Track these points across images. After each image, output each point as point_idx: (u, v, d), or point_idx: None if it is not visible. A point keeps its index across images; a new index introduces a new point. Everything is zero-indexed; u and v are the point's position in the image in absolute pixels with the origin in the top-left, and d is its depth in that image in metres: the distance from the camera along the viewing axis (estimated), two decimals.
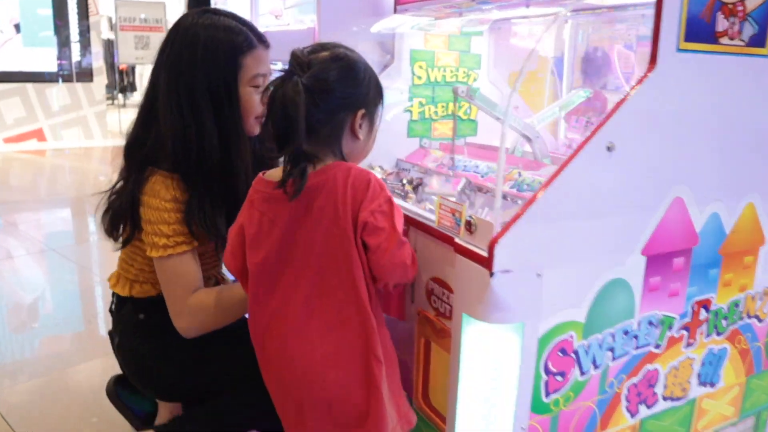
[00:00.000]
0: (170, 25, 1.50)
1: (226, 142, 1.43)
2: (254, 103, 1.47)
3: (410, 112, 2.24)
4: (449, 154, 2.17)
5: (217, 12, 1.45)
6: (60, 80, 9.05)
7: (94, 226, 4.77)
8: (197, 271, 1.46)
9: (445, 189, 2.04)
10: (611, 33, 3.42)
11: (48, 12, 8.88)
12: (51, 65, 8.99)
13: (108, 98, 10.38)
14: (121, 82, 12.89)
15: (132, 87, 14.24)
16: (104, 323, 2.95)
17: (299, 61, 1.14)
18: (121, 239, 1.53)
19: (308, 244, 1.20)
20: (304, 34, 2.15)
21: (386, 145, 2.23)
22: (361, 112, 1.21)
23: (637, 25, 2.20)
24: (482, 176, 1.89)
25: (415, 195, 2.04)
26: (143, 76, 14.28)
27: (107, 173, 7.41)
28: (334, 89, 1.16)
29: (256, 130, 1.51)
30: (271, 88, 1.15)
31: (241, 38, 1.43)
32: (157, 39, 9.54)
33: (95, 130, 9.32)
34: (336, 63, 1.17)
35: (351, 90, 1.18)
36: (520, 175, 1.77)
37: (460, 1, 1.88)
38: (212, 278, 1.66)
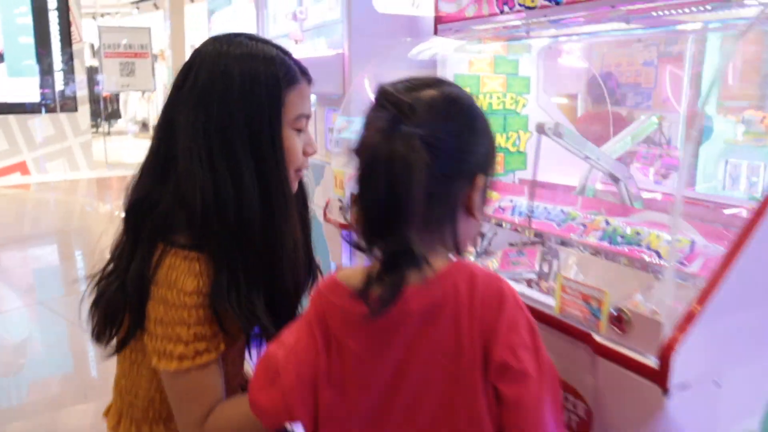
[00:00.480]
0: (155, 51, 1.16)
1: (269, 201, 1.08)
2: (297, 150, 1.13)
3: None
4: (505, 194, 1.87)
5: (252, 38, 1.12)
6: (43, 110, 8.68)
7: (84, 269, 4.41)
8: (220, 384, 1.07)
9: (514, 240, 1.74)
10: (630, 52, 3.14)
11: (30, 40, 8.52)
12: (34, 95, 8.62)
13: (92, 126, 10.02)
14: (105, 110, 12.53)
15: (116, 114, 13.87)
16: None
17: (400, 104, 0.78)
18: (114, 341, 1.12)
19: (415, 389, 0.81)
20: (331, 62, 1.85)
21: None
22: (481, 178, 0.84)
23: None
24: (558, 225, 1.58)
25: (476, 249, 1.73)
26: (127, 103, 13.93)
27: (94, 205, 7.05)
28: (456, 146, 0.80)
29: (295, 185, 1.18)
30: (359, 142, 0.81)
31: (283, 70, 1.10)
32: (143, 65, 9.24)
33: (81, 162, 8.94)
34: (453, 107, 0.82)
35: (473, 146, 0.83)
36: (607, 223, 1.47)
37: (511, 20, 1.59)
38: (237, 388, 1.25)
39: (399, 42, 1.85)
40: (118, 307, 1.08)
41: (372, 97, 0.83)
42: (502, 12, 1.58)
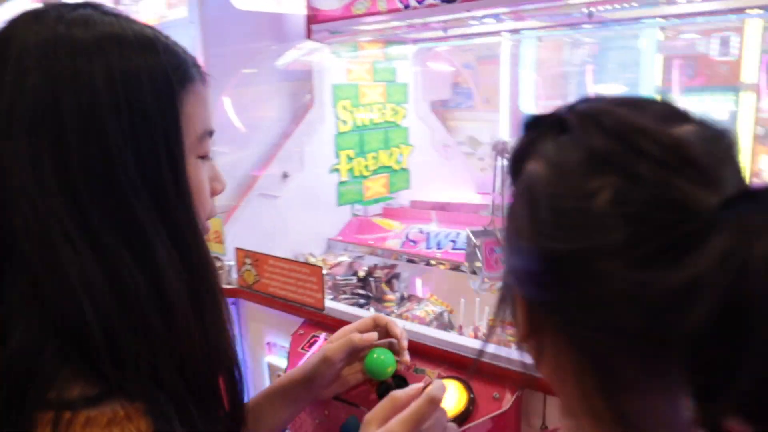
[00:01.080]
0: None
1: (195, 283, 0.64)
2: (206, 190, 0.69)
3: (338, 171, 1.62)
4: (399, 221, 1.62)
5: (101, 9, 0.63)
6: None
7: None
8: None
9: (437, 277, 1.48)
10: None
11: None
12: None
13: None
14: None
15: None
16: None
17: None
18: None
19: None
20: None
21: (311, 221, 1.60)
22: None
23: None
24: None
25: (394, 294, 1.44)
26: None
27: None
28: None
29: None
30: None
31: (172, 61, 0.63)
32: None
33: None
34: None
35: None
36: None
37: (393, 19, 1.34)
38: None
39: (264, 46, 1.48)
40: None
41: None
42: (407, 7, 1.31)
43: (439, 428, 0.77)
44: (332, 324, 1.14)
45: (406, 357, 0.94)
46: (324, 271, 1.15)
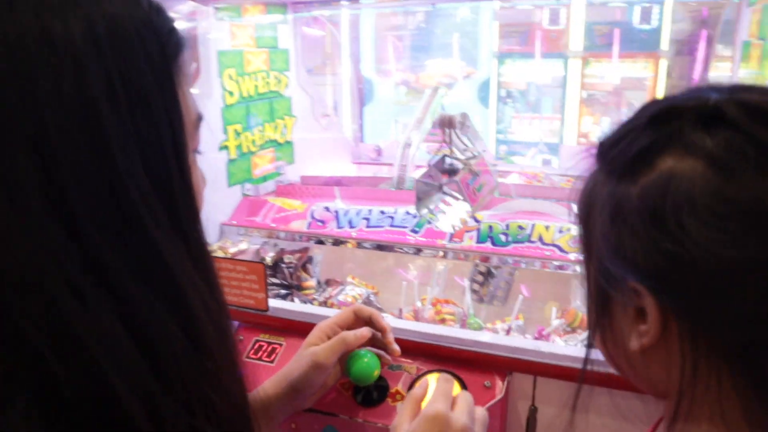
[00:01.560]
0: None
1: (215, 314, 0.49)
2: (202, 193, 0.53)
3: (227, 149, 1.46)
4: (299, 199, 1.51)
5: None
6: None
7: None
8: None
9: (356, 258, 1.41)
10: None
11: None
12: None
13: None
14: None
15: None
16: None
17: None
18: None
19: None
20: None
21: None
22: None
23: None
24: (414, 231, 1.33)
25: (311, 279, 1.35)
26: None
27: None
28: None
29: None
30: None
31: (162, 20, 0.46)
32: None
33: None
34: None
35: None
36: (476, 220, 1.29)
37: None
38: None
39: None
40: None
41: None
42: None
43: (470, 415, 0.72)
44: (275, 324, 1.02)
45: (396, 348, 0.87)
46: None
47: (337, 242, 1.35)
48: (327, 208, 1.44)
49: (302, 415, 0.89)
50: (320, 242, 1.40)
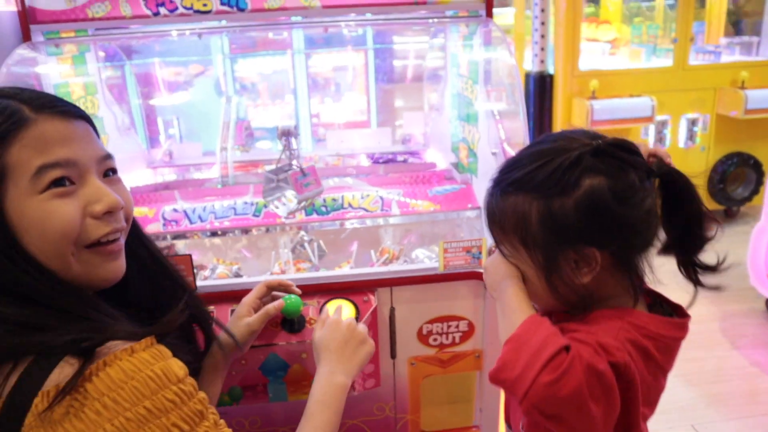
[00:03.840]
0: None
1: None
2: (65, 219, 0.80)
3: None
4: (147, 206, 1.77)
5: None
6: None
7: None
8: None
9: (211, 246, 1.73)
10: None
11: None
12: None
13: None
14: None
15: None
16: None
17: None
18: None
19: None
20: None
21: None
22: None
23: None
24: (254, 215, 1.72)
25: None
26: None
27: None
28: None
29: (111, 261, 0.86)
30: None
31: None
32: None
33: None
34: None
35: None
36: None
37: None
38: None
39: None
40: None
41: None
42: (156, 15, 1.47)
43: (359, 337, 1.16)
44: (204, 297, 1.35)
45: (298, 290, 1.28)
46: None
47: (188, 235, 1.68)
48: (175, 209, 1.73)
49: (249, 352, 1.27)
50: (177, 237, 1.70)
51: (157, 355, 0.75)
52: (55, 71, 1.57)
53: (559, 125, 3.95)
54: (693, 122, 4.06)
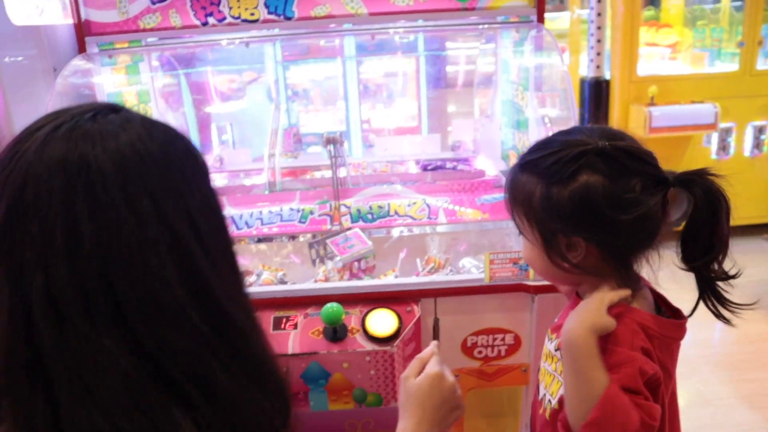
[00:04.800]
0: None
1: None
2: None
3: None
4: None
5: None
6: None
7: None
8: None
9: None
10: None
11: None
12: None
13: None
14: None
15: None
16: None
17: None
18: None
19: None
20: None
21: None
22: None
23: None
24: (300, 222, 1.73)
25: None
26: None
27: None
28: None
29: None
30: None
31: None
32: None
33: None
34: None
35: None
36: (346, 207, 1.74)
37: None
38: None
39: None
40: None
41: None
42: (204, 24, 1.49)
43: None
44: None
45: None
46: None
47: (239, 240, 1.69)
48: (251, 213, 1.75)
49: (291, 359, 1.27)
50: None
51: None
52: (109, 81, 1.62)
53: None
54: (760, 130, 3.87)
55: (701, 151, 3.86)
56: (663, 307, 0.98)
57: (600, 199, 0.87)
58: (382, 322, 1.30)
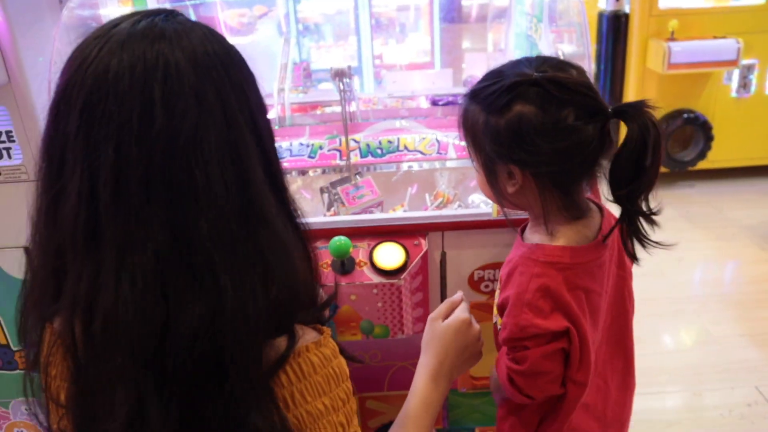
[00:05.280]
0: None
1: None
2: None
3: None
4: None
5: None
6: None
7: None
8: None
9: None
10: None
11: None
12: None
13: None
14: None
15: None
16: None
17: None
18: None
19: (610, 300, 1.08)
20: None
21: None
22: None
23: None
24: (310, 157, 1.73)
25: None
26: None
27: None
28: None
29: None
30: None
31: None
32: None
33: None
34: None
35: None
36: (355, 141, 1.73)
37: None
38: None
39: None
40: None
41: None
42: None
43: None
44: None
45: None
46: None
47: None
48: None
49: None
50: None
51: (335, 351, 0.73)
52: (116, 13, 1.59)
53: (633, 68, 3.74)
54: None
55: (721, 89, 3.77)
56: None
57: (531, 128, 0.92)
58: (390, 255, 1.31)
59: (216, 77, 0.65)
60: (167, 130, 0.60)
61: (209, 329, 0.61)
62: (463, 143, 1.08)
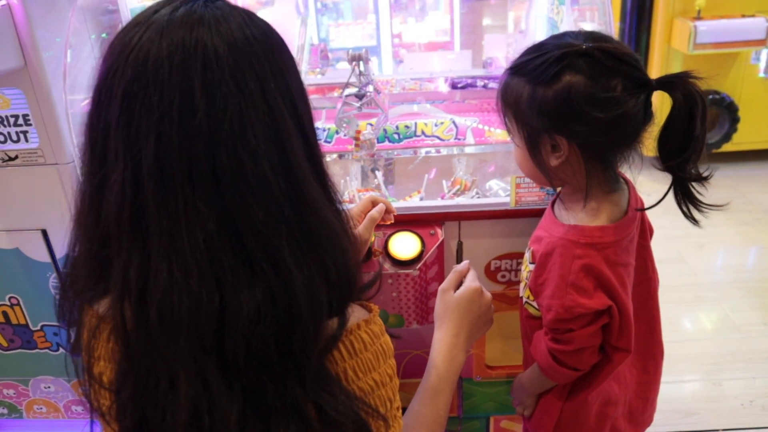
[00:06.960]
0: None
1: None
2: None
3: None
4: None
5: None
6: None
7: None
8: None
9: None
10: None
11: None
12: None
13: None
14: None
15: None
16: None
17: None
18: None
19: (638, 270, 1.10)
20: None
21: None
22: None
23: None
24: (327, 142, 1.71)
25: None
26: None
27: None
28: None
29: None
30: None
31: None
32: None
33: None
34: None
35: None
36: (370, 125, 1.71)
37: None
38: None
39: None
40: None
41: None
42: None
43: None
44: None
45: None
46: None
47: None
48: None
49: None
50: None
51: (382, 328, 0.74)
52: None
53: (657, 48, 3.65)
54: None
55: (748, 69, 3.66)
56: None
57: (581, 98, 0.92)
58: (405, 245, 1.30)
59: (256, 63, 0.64)
60: (209, 120, 0.60)
61: (269, 314, 0.62)
62: (504, 121, 1.07)
